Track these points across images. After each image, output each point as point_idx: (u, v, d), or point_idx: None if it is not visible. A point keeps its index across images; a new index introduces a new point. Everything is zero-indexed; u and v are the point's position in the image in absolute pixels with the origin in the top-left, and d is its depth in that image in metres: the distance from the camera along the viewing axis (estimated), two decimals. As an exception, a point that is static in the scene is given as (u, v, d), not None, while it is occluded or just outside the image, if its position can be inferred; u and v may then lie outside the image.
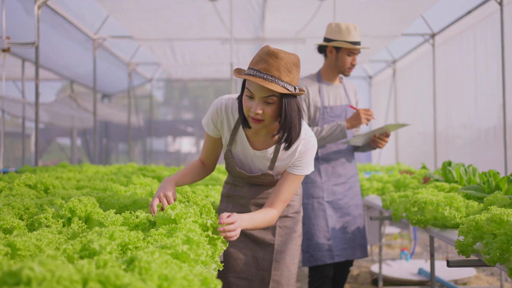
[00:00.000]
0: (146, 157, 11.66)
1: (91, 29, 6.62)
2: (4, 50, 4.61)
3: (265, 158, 1.95)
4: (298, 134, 1.83)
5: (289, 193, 1.92)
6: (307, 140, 1.90)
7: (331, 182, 2.95)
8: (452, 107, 5.87)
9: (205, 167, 2.10)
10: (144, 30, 6.77)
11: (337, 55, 2.93)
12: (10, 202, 1.79)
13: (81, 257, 1.19)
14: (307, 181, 2.94)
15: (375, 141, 2.90)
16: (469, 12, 5.15)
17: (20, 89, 6.70)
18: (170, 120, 18.39)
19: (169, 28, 6.78)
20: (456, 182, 2.74)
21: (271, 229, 2.09)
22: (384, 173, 4.82)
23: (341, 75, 3.08)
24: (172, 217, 1.54)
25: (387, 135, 2.90)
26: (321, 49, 3.02)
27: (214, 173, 3.74)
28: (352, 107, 2.95)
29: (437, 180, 2.89)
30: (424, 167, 3.68)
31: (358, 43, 2.91)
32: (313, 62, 9.15)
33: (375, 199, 3.49)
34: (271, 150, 1.93)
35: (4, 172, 4.05)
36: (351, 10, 5.82)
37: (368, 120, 2.85)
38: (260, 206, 2.09)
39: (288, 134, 1.81)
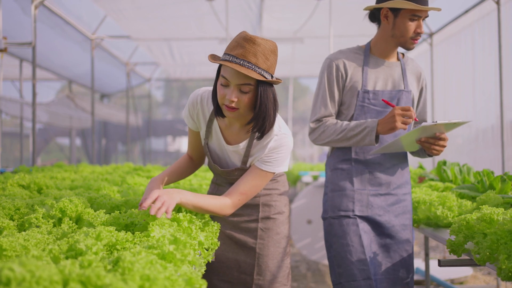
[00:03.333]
0: (145, 157, 11.67)
1: (88, 29, 6.62)
2: (1, 50, 4.61)
3: (238, 153, 1.88)
4: (272, 125, 1.76)
5: (251, 187, 1.79)
6: (280, 137, 1.80)
7: (366, 191, 2.20)
8: (450, 106, 5.86)
9: (193, 161, 2.07)
10: (141, 30, 6.78)
11: (395, 20, 2.14)
12: (1, 202, 1.78)
13: (68, 258, 1.19)
14: (334, 189, 2.24)
15: (424, 146, 2.09)
16: (466, 12, 5.14)
17: (18, 89, 6.70)
18: (169, 119, 18.43)
19: (166, 28, 6.78)
20: (451, 181, 2.74)
21: (253, 231, 2.01)
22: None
23: (400, 51, 2.32)
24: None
25: (441, 139, 2.06)
26: (373, 16, 2.26)
27: (210, 173, 3.73)
28: (386, 102, 2.09)
29: (432, 180, 2.89)
30: (420, 167, 3.68)
31: (425, 2, 2.09)
32: (312, 62, 9.17)
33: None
34: (242, 145, 1.85)
35: (1, 172, 4.05)
36: (348, 9, 5.82)
37: (406, 123, 2.02)
38: (241, 206, 2.03)
39: (262, 124, 1.74)
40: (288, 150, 1.83)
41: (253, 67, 1.65)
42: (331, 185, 2.25)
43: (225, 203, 1.76)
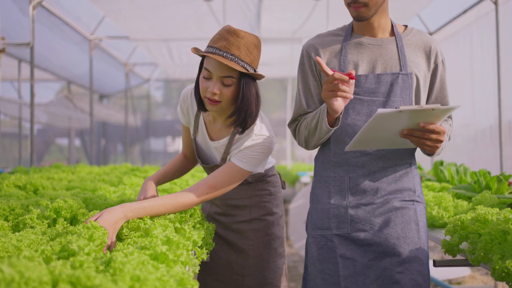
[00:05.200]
0: (144, 157, 11.66)
1: (87, 30, 6.63)
2: (-1, 51, 4.62)
3: (218, 149, 1.87)
4: (254, 120, 1.74)
5: (221, 182, 1.70)
6: (258, 137, 1.76)
7: (346, 202, 1.74)
8: (449, 107, 5.87)
9: (188, 160, 2.06)
10: (140, 30, 6.78)
11: None
12: (-4, 203, 1.78)
13: (60, 258, 1.19)
14: (313, 200, 1.84)
15: (412, 140, 1.61)
16: (465, 12, 5.15)
17: (17, 90, 6.71)
18: (169, 120, 18.41)
19: (165, 28, 6.79)
20: (447, 181, 2.74)
21: (243, 232, 2.00)
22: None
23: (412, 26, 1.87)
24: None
25: (430, 130, 1.56)
26: None
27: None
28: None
29: (428, 180, 2.89)
30: (418, 167, 3.68)
31: None
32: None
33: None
34: (223, 141, 1.84)
35: (-1, 173, 4.04)
36: (346, 9, 5.82)
37: (335, 94, 1.56)
38: (231, 207, 2.03)
39: (243, 118, 1.72)
40: (264, 151, 1.77)
41: (236, 59, 1.63)
42: (311, 196, 1.86)
43: (189, 200, 1.64)
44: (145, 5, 5.94)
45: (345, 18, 6.52)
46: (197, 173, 3.68)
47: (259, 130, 1.78)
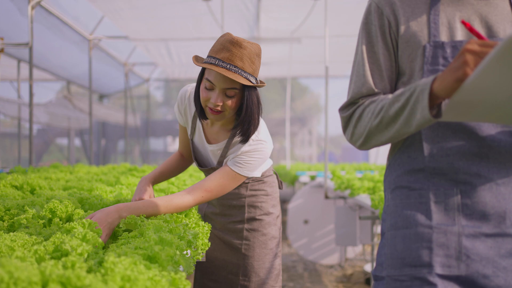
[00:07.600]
0: (144, 157, 11.68)
1: (86, 30, 6.64)
2: (-3, 51, 4.62)
3: (215, 152, 1.87)
4: (256, 127, 1.76)
5: (217, 186, 1.72)
6: (255, 142, 1.76)
7: (457, 228, 1.17)
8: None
9: (184, 158, 2.06)
10: (139, 30, 6.79)
11: None
12: (-8, 203, 1.79)
13: (54, 258, 1.19)
14: (396, 225, 1.23)
15: None
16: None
17: (16, 90, 6.71)
18: (169, 120, 18.44)
19: (164, 28, 6.80)
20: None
21: (239, 232, 2.00)
22: (378, 172, 4.82)
23: None
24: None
25: None
26: None
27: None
28: (473, 31, 1.09)
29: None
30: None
31: None
32: (310, 62, 9.16)
33: (366, 199, 3.49)
34: (220, 145, 1.84)
35: (-3, 173, 4.05)
36: (345, 9, 5.82)
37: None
38: (227, 206, 2.03)
39: (247, 128, 1.73)
40: (261, 156, 1.78)
41: (239, 71, 1.63)
42: (391, 218, 1.26)
43: (185, 202, 1.67)
44: (143, 5, 5.94)
45: (344, 17, 6.49)
46: (195, 173, 3.69)
47: (257, 135, 1.79)
